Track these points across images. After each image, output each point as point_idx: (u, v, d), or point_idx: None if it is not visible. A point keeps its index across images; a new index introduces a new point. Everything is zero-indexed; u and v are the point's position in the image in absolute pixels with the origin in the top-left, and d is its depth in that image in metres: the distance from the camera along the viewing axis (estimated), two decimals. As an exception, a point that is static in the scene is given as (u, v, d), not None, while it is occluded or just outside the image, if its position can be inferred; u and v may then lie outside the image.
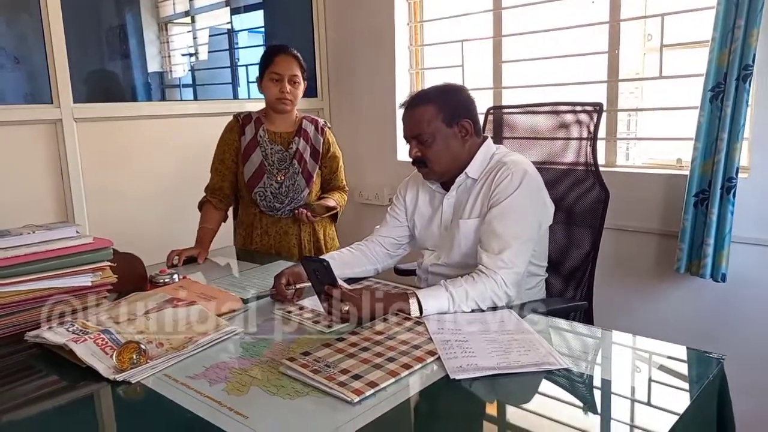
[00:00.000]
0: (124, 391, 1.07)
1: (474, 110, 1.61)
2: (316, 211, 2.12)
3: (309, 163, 2.17)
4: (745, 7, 1.90)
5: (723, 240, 2.03)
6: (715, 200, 2.02)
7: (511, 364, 1.09)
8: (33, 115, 2.40)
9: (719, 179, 2.01)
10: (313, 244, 2.23)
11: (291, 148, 2.15)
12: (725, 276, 2.06)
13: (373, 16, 3.17)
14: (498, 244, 1.46)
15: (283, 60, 2.08)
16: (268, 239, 2.19)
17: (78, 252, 1.42)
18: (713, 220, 2.03)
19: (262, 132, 2.15)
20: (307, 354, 1.13)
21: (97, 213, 2.56)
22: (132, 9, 2.80)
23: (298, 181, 2.14)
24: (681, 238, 2.14)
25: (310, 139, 2.18)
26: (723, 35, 1.97)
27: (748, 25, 1.91)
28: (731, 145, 1.98)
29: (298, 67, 2.10)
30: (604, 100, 2.43)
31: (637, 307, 2.41)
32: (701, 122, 2.05)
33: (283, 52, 2.10)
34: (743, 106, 1.94)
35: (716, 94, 2.01)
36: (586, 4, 2.53)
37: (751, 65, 1.92)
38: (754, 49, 1.91)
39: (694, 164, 2.08)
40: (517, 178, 1.51)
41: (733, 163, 1.98)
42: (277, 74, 2.08)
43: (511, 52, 2.82)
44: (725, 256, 2.04)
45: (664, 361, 1.18)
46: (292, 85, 2.09)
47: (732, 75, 1.95)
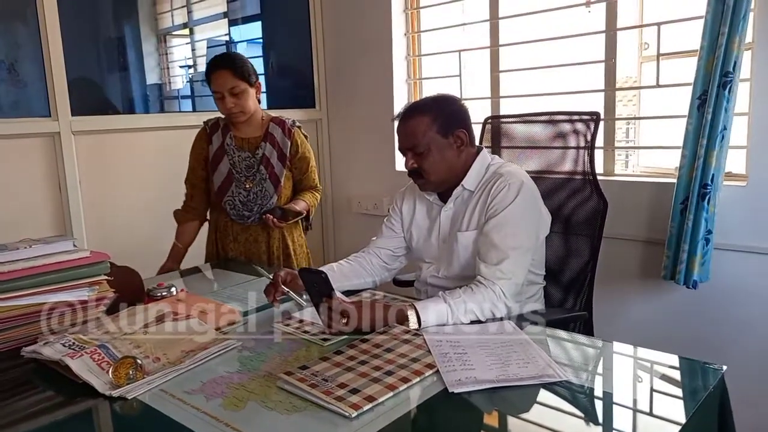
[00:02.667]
0: (120, 407, 1.06)
1: (468, 120, 1.61)
2: (284, 217, 2.10)
3: (276, 167, 2.14)
4: (729, 15, 1.90)
5: (695, 246, 2.03)
6: (692, 207, 2.03)
7: (510, 377, 1.09)
8: (31, 128, 2.40)
9: (696, 186, 2.02)
10: (282, 251, 2.22)
11: (257, 153, 2.14)
12: (696, 283, 2.06)
13: (370, 26, 3.18)
14: (496, 255, 1.45)
15: (217, 77, 2.02)
16: (238, 246, 2.20)
17: (75, 266, 1.41)
18: (689, 227, 2.04)
19: (229, 140, 2.14)
20: (304, 368, 1.12)
21: (95, 226, 2.56)
22: (130, 21, 2.81)
23: (266, 187, 2.13)
24: (667, 246, 2.14)
25: (277, 143, 2.15)
26: (710, 43, 1.98)
27: (731, 33, 1.91)
28: (708, 153, 1.99)
29: (235, 76, 2.01)
30: (601, 109, 2.44)
31: (633, 315, 2.40)
32: (689, 130, 2.05)
33: (217, 67, 2.03)
34: (721, 113, 1.94)
35: (702, 101, 2.01)
36: (583, 14, 2.54)
37: (731, 72, 1.92)
38: (736, 55, 1.91)
39: (681, 171, 2.09)
40: (514, 189, 1.50)
41: (709, 170, 1.99)
42: (216, 92, 2.04)
43: (509, 61, 2.83)
44: (697, 263, 2.04)
45: (665, 372, 1.18)
46: (235, 96, 2.03)
47: (714, 82, 1.95)
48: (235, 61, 2.05)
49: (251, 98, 2.08)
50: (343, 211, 3.48)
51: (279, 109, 3.01)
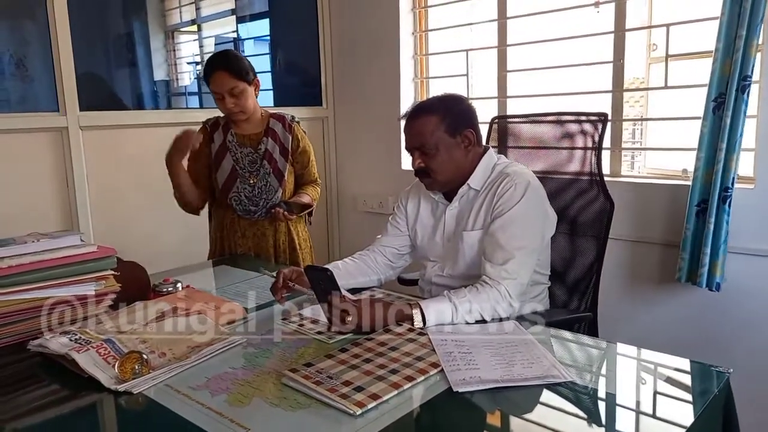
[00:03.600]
0: (125, 401, 1.07)
1: (475, 120, 1.61)
2: (290, 210, 2.10)
3: (279, 161, 2.16)
4: (747, 18, 1.90)
5: (718, 249, 2.04)
6: (713, 210, 2.03)
7: (515, 377, 1.09)
8: (39, 122, 2.41)
9: (717, 189, 2.01)
10: (288, 244, 2.23)
11: (260, 149, 2.15)
12: (719, 285, 2.07)
13: (378, 25, 3.18)
14: (502, 254, 1.45)
15: (216, 78, 2.02)
16: (246, 241, 2.20)
17: (81, 261, 1.42)
18: (710, 230, 2.04)
19: (230, 136, 2.15)
20: (309, 365, 1.12)
21: (102, 221, 2.57)
22: (139, 17, 2.82)
23: (270, 182, 2.15)
24: (682, 248, 2.14)
25: (278, 138, 2.17)
26: (726, 45, 1.97)
27: (748, 36, 1.91)
28: (728, 156, 1.98)
29: (232, 76, 2.01)
30: (608, 110, 2.43)
31: (641, 317, 2.40)
32: (704, 132, 2.05)
33: (215, 68, 2.03)
34: (741, 117, 1.94)
35: (718, 104, 2.01)
36: (591, 14, 2.54)
37: (749, 76, 1.92)
38: (753, 59, 1.91)
39: (696, 174, 2.08)
40: (520, 189, 1.50)
41: (730, 173, 1.99)
42: (216, 93, 2.05)
43: (516, 61, 2.82)
44: (719, 266, 2.05)
45: (670, 374, 1.17)
46: (234, 96, 2.03)
47: (732, 85, 1.95)
48: (231, 62, 2.04)
49: (250, 97, 2.09)
50: (348, 209, 3.48)
51: (286, 107, 3.02)
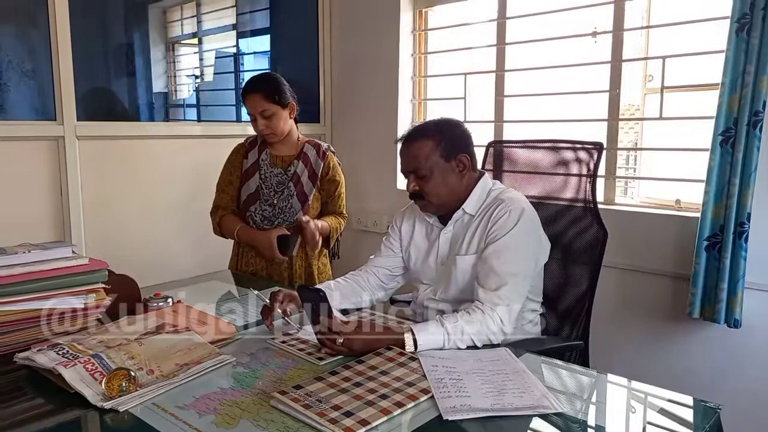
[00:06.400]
0: (111, 419, 1.05)
1: (471, 145, 1.62)
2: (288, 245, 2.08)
3: (306, 185, 2.17)
4: (756, 53, 1.92)
5: (736, 285, 2.02)
6: (728, 245, 2.01)
7: (506, 407, 1.08)
8: (35, 131, 2.40)
9: (731, 224, 2.01)
10: (304, 270, 2.21)
11: (289, 170, 2.17)
12: (738, 322, 2.03)
13: (378, 45, 3.21)
14: (495, 280, 1.45)
15: (249, 99, 2.09)
16: (260, 261, 2.19)
17: (73, 273, 1.41)
18: (726, 265, 2.02)
19: (265, 155, 2.19)
20: (299, 387, 1.11)
21: (95, 232, 2.55)
22: (140, 28, 2.83)
23: (293, 203, 2.15)
24: (693, 283, 2.10)
25: (310, 163, 2.19)
26: (733, 80, 1.98)
27: (758, 72, 1.92)
28: (742, 191, 1.99)
29: (265, 99, 2.07)
30: (604, 138, 2.45)
31: (633, 348, 2.39)
32: (712, 166, 2.04)
33: (249, 90, 2.10)
34: (754, 152, 1.95)
35: (726, 138, 2.01)
36: (589, 43, 2.57)
37: (761, 111, 1.93)
38: (764, 95, 1.92)
39: (705, 207, 2.07)
40: (515, 215, 1.51)
41: (745, 208, 1.99)
42: (249, 113, 2.12)
43: (514, 86, 2.85)
44: (739, 302, 2.02)
45: (660, 407, 1.17)
46: (266, 118, 2.09)
47: (743, 120, 1.96)
48: (265, 85, 2.11)
49: (282, 120, 2.13)
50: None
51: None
